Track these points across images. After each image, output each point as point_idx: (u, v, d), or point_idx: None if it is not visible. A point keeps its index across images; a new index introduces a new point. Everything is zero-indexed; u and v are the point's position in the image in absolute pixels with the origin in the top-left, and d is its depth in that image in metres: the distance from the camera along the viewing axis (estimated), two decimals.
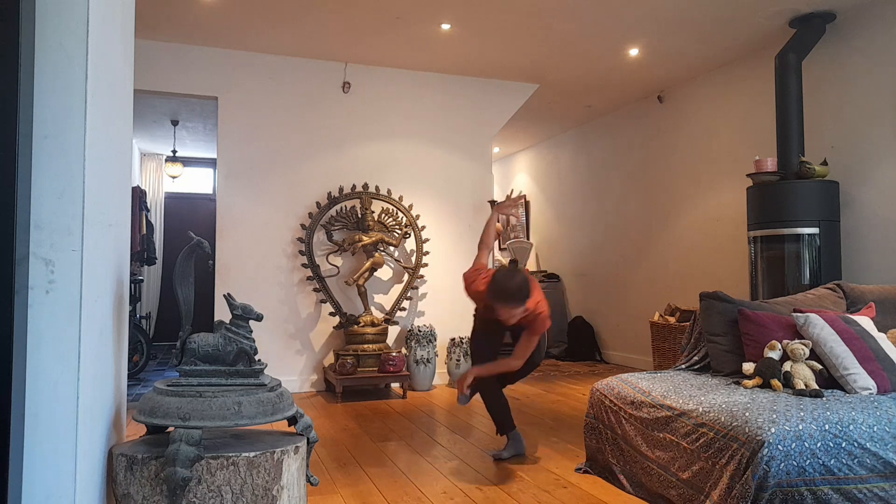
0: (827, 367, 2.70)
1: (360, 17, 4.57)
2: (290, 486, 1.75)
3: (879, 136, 4.22)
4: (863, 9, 4.31)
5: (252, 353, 1.81)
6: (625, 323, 6.64)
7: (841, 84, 4.47)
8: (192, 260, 1.90)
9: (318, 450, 3.46)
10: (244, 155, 5.23)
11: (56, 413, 1.40)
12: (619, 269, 6.78)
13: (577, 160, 7.61)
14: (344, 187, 5.42)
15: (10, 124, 1.31)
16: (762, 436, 2.11)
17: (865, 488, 2.12)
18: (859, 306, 3.24)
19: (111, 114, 1.77)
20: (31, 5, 1.38)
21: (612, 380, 3.03)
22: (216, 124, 5.27)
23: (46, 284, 1.40)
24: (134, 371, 5.83)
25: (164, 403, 1.68)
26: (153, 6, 4.35)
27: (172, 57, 5.07)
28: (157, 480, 1.62)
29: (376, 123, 5.61)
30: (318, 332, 5.36)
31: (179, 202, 8.78)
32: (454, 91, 5.84)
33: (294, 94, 5.38)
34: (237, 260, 5.15)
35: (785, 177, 4.38)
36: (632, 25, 4.68)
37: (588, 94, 6.34)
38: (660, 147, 6.22)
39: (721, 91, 5.51)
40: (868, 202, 4.28)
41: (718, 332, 3.11)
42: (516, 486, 2.87)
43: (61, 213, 1.42)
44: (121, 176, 2.00)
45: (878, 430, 2.21)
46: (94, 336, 1.57)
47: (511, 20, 4.60)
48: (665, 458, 2.52)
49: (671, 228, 6.05)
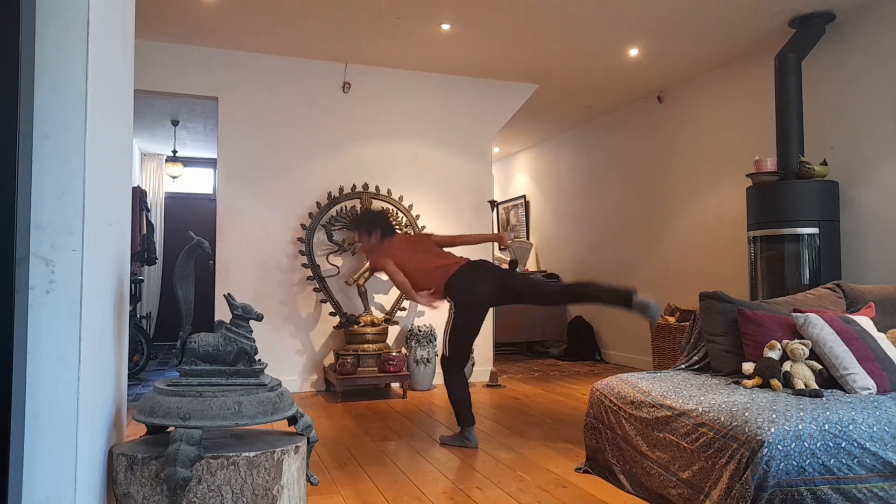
0: (827, 367, 2.70)
1: (360, 17, 4.57)
2: (291, 485, 1.75)
3: (879, 136, 4.22)
4: (863, 9, 4.31)
5: (252, 352, 1.81)
6: (625, 323, 6.64)
7: (841, 84, 4.47)
8: (193, 260, 1.90)
9: (318, 450, 3.46)
10: (244, 155, 5.23)
11: (56, 413, 1.40)
12: (619, 268, 6.78)
13: (577, 160, 7.61)
14: (344, 187, 5.42)
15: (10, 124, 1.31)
16: (762, 436, 2.12)
17: (865, 488, 2.13)
18: (859, 306, 3.24)
19: (111, 114, 1.77)
20: (31, 5, 1.38)
21: (612, 380, 3.03)
22: (216, 124, 5.28)
23: (47, 284, 1.40)
24: (134, 371, 5.83)
25: (164, 403, 1.69)
26: (153, 6, 4.35)
27: (172, 57, 5.07)
28: (158, 480, 1.62)
29: (376, 123, 5.61)
30: (318, 332, 5.36)
31: (179, 202, 8.78)
32: (454, 91, 5.84)
33: (294, 94, 5.38)
34: (237, 260, 5.15)
35: (785, 177, 4.38)
36: (632, 25, 4.68)
37: (588, 94, 6.34)
38: (660, 147, 6.22)
39: (721, 91, 5.51)
40: (868, 202, 4.28)
41: (718, 332, 3.11)
42: (516, 486, 2.87)
43: (61, 213, 1.42)
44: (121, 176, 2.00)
45: (877, 430, 2.21)
46: (95, 336, 1.58)
47: (511, 20, 4.60)
48: (665, 458, 2.52)
49: (671, 228, 6.05)
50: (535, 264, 8.43)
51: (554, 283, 3.69)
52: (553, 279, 7.81)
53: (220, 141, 5.19)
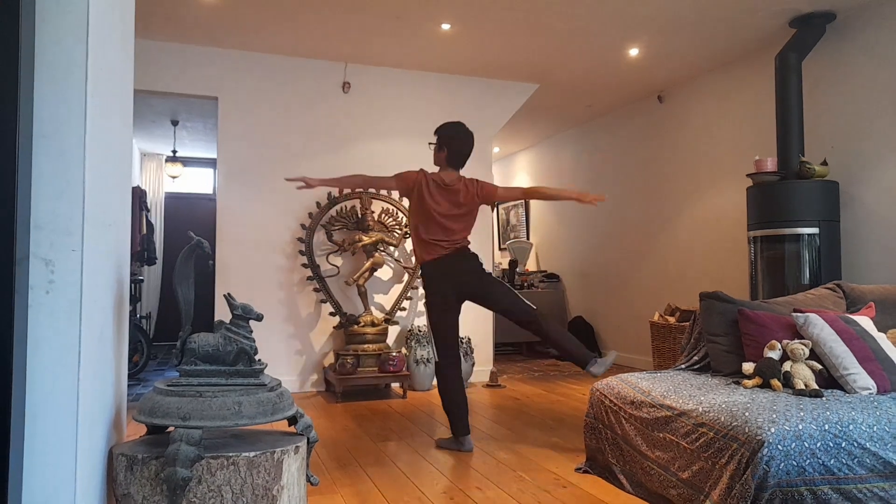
0: (827, 367, 2.70)
1: (360, 17, 4.57)
2: (290, 485, 1.75)
3: (879, 136, 4.22)
4: (863, 9, 4.31)
5: (252, 352, 1.81)
6: (625, 323, 6.64)
7: (841, 84, 4.47)
8: (192, 260, 1.90)
9: (318, 450, 3.46)
10: (244, 155, 5.23)
11: (56, 413, 1.40)
12: (619, 268, 6.78)
13: (577, 160, 7.61)
14: None
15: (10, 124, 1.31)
16: (762, 436, 2.11)
17: (865, 488, 2.12)
18: (859, 306, 3.24)
19: (111, 114, 1.77)
20: (31, 5, 1.38)
21: (612, 380, 3.03)
22: (216, 124, 5.27)
23: (46, 284, 1.40)
24: (134, 371, 5.83)
25: (164, 403, 1.68)
26: (153, 6, 4.35)
27: (172, 57, 5.07)
28: (158, 480, 1.62)
29: (376, 123, 5.61)
30: (318, 332, 5.36)
31: (179, 202, 8.78)
32: (454, 91, 5.84)
33: (294, 94, 5.38)
34: (237, 260, 5.15)
35: (785, 177, 4.38)
36: (632, 25, 4.68)
37: (588, 94, 6.34)
38: (660, 147, 6.22)
39: (721, 91, 5.51)
40: (868, 202, 4.28)
41: (718, 332, 3.11)
42: (516, 486, 2.87)
43: (61, 213, 1.42)
44: (121, 176, 2.00)
45: (877, 430, 2.21)
46: (94, 336, 1.57)
47: (511, 20, 4.60)
48: (665, 458, 2.52)
49: (671, 228, 6.05)
50: (536, 264, 8.43)
51: (528, 309, 3.50)
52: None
53: (220, 141, 5.19)
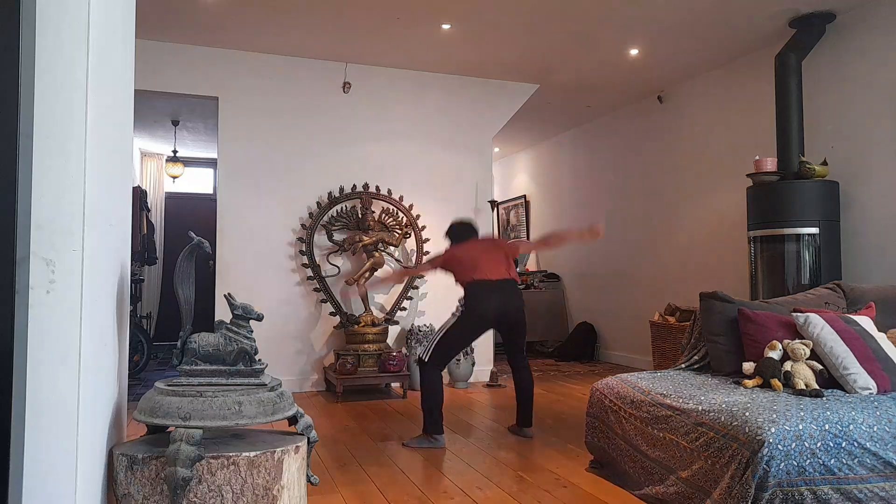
0: (827, 366, 2.70)
1: (360, 17, 4.57)
2: (291, 485, 1.75)
3: (879, 136, 4.22)
4: (863, 9, 4.31)
5: (252, 352, 1.81)
6: (625, 323, 6.64)
7: (841, 84, 4.47)
8: (193, 260, 1.90)
9: (318, 449, 3.46)
10: (244, 155, 5.23)
11: (56, 413, 1.40)
12: (619, 268, 6.78)
13: (577, 160, 7.61)
14: (344, 187, 5.42)
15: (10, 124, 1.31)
16: (762, 435, 2.12)
17: (865, 488, 2.12)
18: (859, 306, 3.24)
19: (111, 114, 1.77)
20: (31, 5, 1.38)
21: (612, 379, 3.03)
22: (216, 124, 5.28)
23: (47, 284, 1.40)
24: (135, 371, 5.83)
25: (164, 403, 1.68)
26: (153, 6, 4.35)
27: (173, 57, 5.07)
28: (158, 480, 1.62)
29: (376, 123, 5.61)
30: (319, 332, 5.36)
31: (180, 202, 8.78)
32: (454, 91, 5.84)
33: (294, 94, 5.38)
34: (237, 260, 5.15)
35: (785, 177, 4.38)
36: (632, 25, 4.68)
37: (588, 94, 6.34)
38: (660, 147, 6.22)
39: (721, 91, 5.51)
40: (868, 202, 4.28)
41: (718, 331, 3.11)
42: (516, 486, 2.87)
43: (61, 213, 1.42)
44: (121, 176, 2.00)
45: (878, 430, 2.21)
46: (95, 336, 1.57)
47: (511, 20, 4.60)
48: (665, 458, 2.52)
49: (671, 228, 6.05)
50: (536, 264, 8.43)
51: (523, 352, 3.86)
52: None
53: (220, 141, 5.19)
